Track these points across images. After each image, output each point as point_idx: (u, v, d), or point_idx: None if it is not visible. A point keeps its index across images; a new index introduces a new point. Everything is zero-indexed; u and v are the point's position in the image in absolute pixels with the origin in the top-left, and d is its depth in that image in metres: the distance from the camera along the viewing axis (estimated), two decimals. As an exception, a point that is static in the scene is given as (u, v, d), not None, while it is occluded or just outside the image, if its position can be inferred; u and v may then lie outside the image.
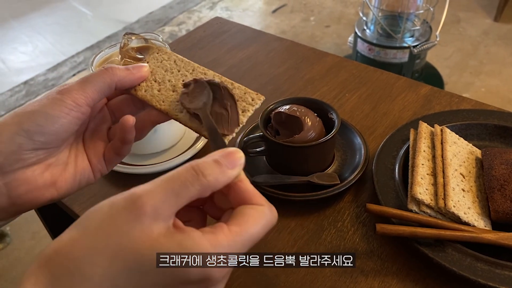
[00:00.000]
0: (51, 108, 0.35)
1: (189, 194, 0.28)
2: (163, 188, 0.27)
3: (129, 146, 0.40)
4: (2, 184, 0.35)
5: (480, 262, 0.47)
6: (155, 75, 0.41)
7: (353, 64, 0.86)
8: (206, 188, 0.28)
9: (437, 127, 0.60)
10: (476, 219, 0.51)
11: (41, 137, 0.35)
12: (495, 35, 2.31)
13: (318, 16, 2.60)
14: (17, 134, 0.34)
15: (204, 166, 0.28)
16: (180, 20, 2.67)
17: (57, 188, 0.38)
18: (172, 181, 0.28)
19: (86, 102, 0.37)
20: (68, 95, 0.36)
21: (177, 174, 0.28)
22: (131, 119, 0.38)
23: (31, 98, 2.14)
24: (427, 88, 0.77)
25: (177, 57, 0.43)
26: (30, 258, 1.44)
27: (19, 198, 0.36)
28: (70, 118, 0.36)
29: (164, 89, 0.40)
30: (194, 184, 0.28)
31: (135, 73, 0.40)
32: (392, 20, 1.73)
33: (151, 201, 0.26)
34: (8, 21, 2.80)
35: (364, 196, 0.59)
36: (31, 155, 0.36)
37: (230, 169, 0.29)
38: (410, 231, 0.48)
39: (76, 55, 2.43)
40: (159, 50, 0.43)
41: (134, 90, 0.40)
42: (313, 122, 0.58)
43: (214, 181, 0.28)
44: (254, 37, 0.97)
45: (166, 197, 0.27)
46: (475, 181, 0.55)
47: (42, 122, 0.35)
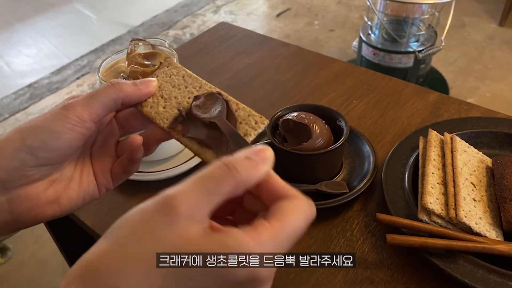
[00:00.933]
0: (54, 124, 0.35)
1: (223, 191, 0.26)
2: (196, 187, 0.26)
3: (137, 164, 0.40)
4: (4, 200, 0.35)
5: (492, 274, 0.46)
6: (163, 90, 0.40)
7: (360, 70, 0.85)
8: (240, 184, 0.27)
9: (447, 135, 0.59)
10: (488, 230, 0.50)
11: (45, 153, 0.35)
12: (500, 39, 2.30)
13: (322, 20, 2.60)
14: (20, 150, 0.34)
15: (236, 162, 0.27)
16: (184, 23, 2.67)
17: (59, 204, 0.37)
18: (205, 179, 0.26)
19: (90, 117, 0.36)
20: (73, 110, 0.35)
21: (209, 171, 0.27)
22: (138, 138, 0.38)
23: (35, 101, 2.15)
24: (435, 95, 0.76)
25: (186, 72, 0.42)
26: (33, 262, 1.43)
27: (22, 215, 0.36)
28: (74, 134, 0.35)
29: (170, 106, 0.39)
30: (228, 180, 0.26)
31: (143, 89, 0.39)
32: (397, 24, 1.73)
33: (185, 201, 0.25)
34: (12, 24, 2.80)
35: (373, 205, 0.58)
36: (35, 171, 0.35)
37: (262, 164, 0.28)
38: (420, 241, 0.48)
39: (80, 58, 2.43)
40: (169, 64, 0.42)
41: (140, 105, 0.40)
42: (321, 129, 0.58)
43: (247, 176, 0.27)
44: (260, 42, 0.97)
45: (201, 196, 0.26)
46: (486, 191, 0.55)
47: (45, 138, 0.34)
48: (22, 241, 1.48)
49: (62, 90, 2.21)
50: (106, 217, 0.60)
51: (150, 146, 0.41)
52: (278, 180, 0.29)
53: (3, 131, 2.00)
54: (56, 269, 1.42)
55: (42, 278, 1.40)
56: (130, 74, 0.58)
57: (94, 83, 2.24)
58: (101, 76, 0.58)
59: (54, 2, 3.01)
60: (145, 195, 0.63)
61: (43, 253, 1.46)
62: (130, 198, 0.63)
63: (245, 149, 0.29)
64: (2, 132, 1.99)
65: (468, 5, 2.57)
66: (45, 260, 1.44)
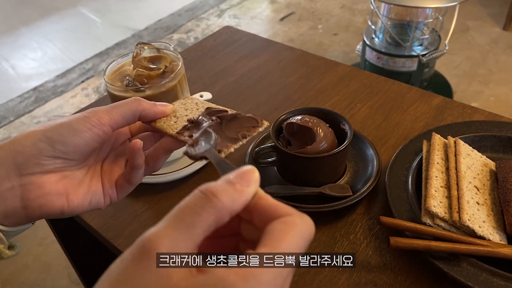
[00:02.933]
0: (76, 122, 0.38)
1: (203, 221, 0.24)
2: (173, 224, 0.24)
3: (139, 173, 0.42)
4: (17, 185, 0.37)
5: (496, 277, 0.46)
6: (176, 112, 0.44)
7: (364, 74, 0.85)
8: (222, 211, 0.25)
9: (450, 139, 0.59)
10: (492, 233, 0.50)
11: (61, 146, 0.37)
12: (504, 43, 2.30)
13: (326, 24, 2.60)
14: (40, 140, 0.37)
15: (215, 188, 0.25)
16: (189, 27, 2.68)
17: (68, 200, 0.39)
18: (182, 213, 0.25)
19: (109, 123, 0.39)
20: (94, 114, 0.39)
21: (185, 204, 0.25)
22: (138, 142, 0.40)
23: (40, 105, 2.16)
24: (439, 98, 0.77)
25: (199, 101, 0.46)
26: (37, 264, 1.44)
27: (31, 202, 0.37)
28: (92, 134, 0.38)
29: (180, 121, 0.43)
30: (206, 209, 0.24)
31: (159, 107, 0.42)
32: (401, 28, 1.73)
33: (161, 242, 0.23)
34: (18, 28, 2.82)
35: (376, 208, 0.59)
36: (49, 161, 0.38)
37: (246, 187, 0.26)
38: (424, 244, 0.48)
39: (85, 61, 2.44)
40: (185, 98, 0.47)
41: (154, 122, 0.43)
42: (325, 133, 0.58)
43: (230, 202, 0.25)
44: (265, 46, 0.98)
45: (178, 234, 0.24)
46: (490, 194, 0.55)
47: (65, 132, 0.37)
48: (26, 244, 1.48)
49: (67, 93, 2.23)
50: (111, 219, 0.61)
51: (157, 159, 0.43)
52: (269, 200, 0.27)
53: (8, 134, 2.01)
54: (60, 271, 1.42)
55: (46, 280, 1.41)
56: (136, 77, 0.58)
57: (98, 86, 2.25)
58: (107, 79, 0.59)
59: (59, 6, 3.03)
60: (149, 197, 0.63)
61: (47, 256, 1.47)
62: (134, 201, 0.63)
63: (229, 173, 0.27)
64: (7, 135, 2.00)
65: (472, 9, 2.57)
66: (49, 262, 1.45)
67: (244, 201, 0.26)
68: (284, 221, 0.25)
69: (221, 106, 0.44)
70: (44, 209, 0.38)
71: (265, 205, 0.27)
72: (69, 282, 1.39)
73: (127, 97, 0.57)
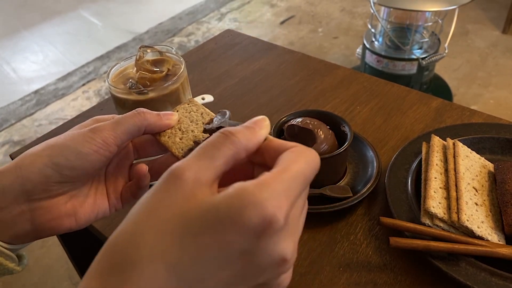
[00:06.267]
0: (82, 145, 0.37)
1: (223, 155, 0.28)
2: (197, 156, 0.28)
3: (145, 190, 0.41)
4: (27, 210, 0.37)
5: (494, 277, 0.47)
6: (181, 124, 0.43)
7: (363, 76, 0.86)
8: (239, 148, 0.28)
9: (449, 141, 0.60)
10: (490, 233, 0.51)
11: (69, 172, 0.37)
12: (504, 47, 2.31)
13: (326, 27, 2.61)
14: (47, 167, 0.36)
15: (234, 129, 0.29)
16: (189, 31, 2.70)
17: (76, 218, 0.40)
18: (205, 148, 0.28)
19: (115, 142, 0.38)
20: (100, 134, 0.38)
21: (208, 141, 0.29)
22: (144, 167, 0.41)
23: (41, 107, 2.17)
24: (438, 101, 0.77)
25: (205, 111, 0.45)
26: (38, 267, 1.44)
27: (42, 225, 0.38)
28: (99, 156, 0.38)
29: (186, 138, 0.42)
30: (226, 145, 0.28)
31: (164, 120, 0.42)
32: (401, 32, 1.74)
33: (188, 168, 0.27)
34: (19, 31, 2.84)
35: (376, 209, 0.59)
36: (58, 187, 0.37)
37: (259, 130, 0.30)
38: (423, 244, 0.49)
39: (86, 64, 2.45)
40: (190, 102, 0.45)
41: (159, 134, 0.42)
42: (325, 134, 0.59)
43: (246, 140, 0.29)
44: (265, 49, 0.98)
45: (202, 162, 0.27)
46: (488, 195, 0.56)
47: (72, 157, 0.37)
48: (27, 246, 1.48)
49: (68, 96, 2.24)
50: (115, 221, 0.61)
51: (164, 173, 0.43)
52: (279, 140, 0.31)
53: (9, 136, 2.02)
54: (61, 274, 1.43)
55: (47, 283, 1.41)
56: (139, 80, 0.59)
57: (99, 89, 2.26)
58: (111, 82, 0.60)
59: (60, 9, 3.04)
60: (152, 198, 0.64)
61: (49, 259, 1.47)
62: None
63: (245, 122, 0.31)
64: (9, 138, 2.01)
65: (472, 13, 2.58)
66: (50, 265, 1.45)
67: (258, 141, 0.30)
68: (292, 150, 0.29)
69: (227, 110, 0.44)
70: (54, 230, 0.39)
71: (275, 143, 0.30)
72: (71, 284, 1.40)
73: (130, 100, 0.58)
